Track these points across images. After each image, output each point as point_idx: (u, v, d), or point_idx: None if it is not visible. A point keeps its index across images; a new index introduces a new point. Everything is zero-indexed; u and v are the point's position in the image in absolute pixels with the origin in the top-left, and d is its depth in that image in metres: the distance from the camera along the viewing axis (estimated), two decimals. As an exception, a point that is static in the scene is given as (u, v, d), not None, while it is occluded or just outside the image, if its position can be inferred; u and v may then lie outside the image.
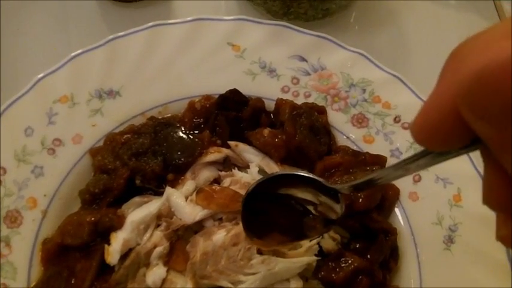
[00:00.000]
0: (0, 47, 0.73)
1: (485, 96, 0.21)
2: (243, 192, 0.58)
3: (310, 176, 0.48)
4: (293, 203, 0.51)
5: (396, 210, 0.64)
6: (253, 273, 0.54)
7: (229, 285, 0.53)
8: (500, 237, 0.28)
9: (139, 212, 0.57)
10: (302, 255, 0.56)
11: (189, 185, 0.59)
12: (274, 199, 0.50)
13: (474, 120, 0.23)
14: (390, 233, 0.61)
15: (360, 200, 0.59)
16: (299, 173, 0.50)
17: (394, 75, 0.68)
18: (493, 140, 0.23)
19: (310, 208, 0.50)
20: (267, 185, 0.50)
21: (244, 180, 0.59)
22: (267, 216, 0.51)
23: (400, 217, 0.64)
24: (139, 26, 0.67)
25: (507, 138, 0.22)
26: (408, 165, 0.34)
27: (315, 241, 0.57)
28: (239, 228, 0.55)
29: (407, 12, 0.86)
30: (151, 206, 0.57)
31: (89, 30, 0.76)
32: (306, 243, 0.57)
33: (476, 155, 0.64)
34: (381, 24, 0.85)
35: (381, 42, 0.83)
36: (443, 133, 0.25)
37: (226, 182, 0.59)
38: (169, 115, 0.65)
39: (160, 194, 0.59)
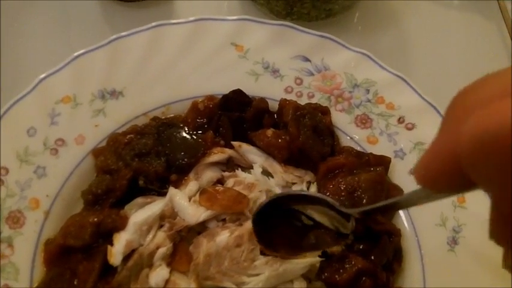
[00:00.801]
0: (1, 47, 0.73)
1: (486, 159, 0.22)
2: (246, 193, 0.58)
3: (323, 197, 0.52)
4: (303, 217, 0.54)
5: (400, 211, 0.64)
6: (257, 275, 0.53)
7: (233, 286, 0.53)
8: (507, 267, 0.31)
9: (142, 212, 0.56)
10: (305, 256, 0.55)
11: (192, 185, 0.59)
12: (285, 213, 0.54)
13: (476, 177, 0.24)
14: (394, 234, 0.61)
15: (364, 202, 0.59)
16: (311, 194, 0.53)
17: (398, 76, 0.68)
18: (493, 194, 0.25)
19: (325, 221, 0.53)
20: (278, 201, 0.53)
21: (247, 181, 0.59)
22: (279, 229, 0.54)
23: (403, 218, 0.63)
24: (141, 26, 0.67)
25: (507, 194, 0.23)
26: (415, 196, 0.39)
27: (318, 242, 0.57)
28: (242, 229, 0.55)
29: (410, 13, 0.86)
30: (154, 207, 0.56)
31: (91, 30, 0.76)
32: (309, 245, 0.57)
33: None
34: (384, 25, 0.85)
35: (384, 43, 0.82)
36: (444, 180, 0.27)
37: (229, 183, 0.59)
38: (172, 115, 0.65)
39: (164, 194, 0.59)
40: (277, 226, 0.54)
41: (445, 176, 0.26)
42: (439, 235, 0.62)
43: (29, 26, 0.76)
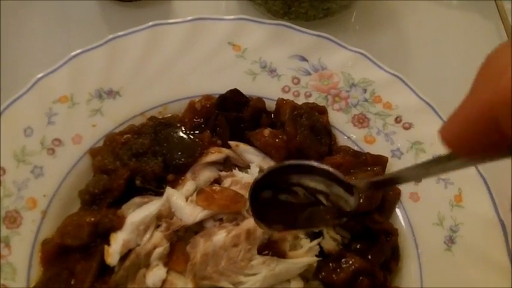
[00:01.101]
0: (0, 47, 0.73)
1: None
2: (243, 192, 0.58)
3: (327, 168, 0.47)
4: (303, 191, 0.50)
5: (397, 210, 0.64)
6: (254, 274, 0.53)
7: (230, 286, 0.53)
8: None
9: (139, 212, 0.56)
10: (303, 255, 0.56)
11: (189, 185, 0.58)
12: (284, 187, 0.49)
13: None
14: (391, 233, 0.61)
15: (361, 201, 0.59)
16: (314, 164, 0.48)
17: (395, 75, 0.68)
18: None
19: (321, 198, 0.49)
20: (277, 173, 0.49)
21: (245, 180, 0.59)
22: (276, 204, 0.50)
23: (401, 218, 0.64)
24: (139, 25, 0.67)
25: None
26: (432, 168, 0.35)
27: (315, 242, 0.57)
28: (239, 229, 0.55)
29: (408, 12, 0.86)
30: (152, 207, 0.56)
31: (89, 30, 0.76)
32: (306, 244, 0.57)
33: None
34: (381, 24, 0.85)
35: (382, 42, 0.82)
36: (477, 139, 0.25)
37: (226, 183, 0.59)
38: (169, 115, 0.65)
39: (161, 194, 0.59)
40: (275, 201, 0.50)
41: (478, 134, 0.24)
42: (436, 234, 0.62)
43: (27, 26, 0.76)
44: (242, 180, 0.59)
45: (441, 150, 0.63)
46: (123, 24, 0.68)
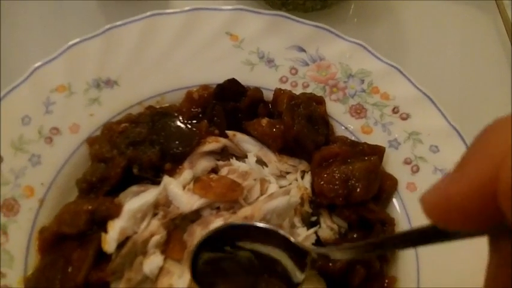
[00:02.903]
0: (2, 34, 0.73)
1: None
2: (240, 181, 0.58)
3: (276, 230, 0.45)
4: (250, 257, 0.47)
5: (394, 200, 0.64)
6: (250, 262, 0.53)
7: (226, 274, 0.53)
8: None
9: (136, 200, 0.56)
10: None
11: (186, 174, 0.59)
12: (230, 250, 0.47)
13: None
14: (388, 223, 0.61)
15: (358, 190, 0.59)
16: (261, 226, 0.46)
17: (393, 66, 0.68)
18: None
19: (271, 265, 0.46)
20: (224, 235, 0.47)
21: (241, 169, 0.59)
22: (219, 269, 0.48)
23: (397, 207, 0.64)
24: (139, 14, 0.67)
25: None
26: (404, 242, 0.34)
27: (312, 230, 0.57)
28: (236, 217, 0.55)
29: (406, 4, 0.86)
30: (149, 195, 0.57)
31: (86, 21, 0.76)
32: (303, 232, 0.57)
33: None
34: (380, 17, 0.85)
35: (380, 34, 0.82)
36: (467, 214, 0.23)
37: (223, 171, 0.59)
38: (167, 105, 0.65)
39: (158, 183, 0.59)
40: (218, 266, 0.47)
41: (469, 208, 0.22)
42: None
43: (24, 16, 0.76)
44: (239, 169, 0.59)
45: (438, 141, 0.65)
46: (121, 15, 0.67)
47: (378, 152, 0.63)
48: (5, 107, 0.60)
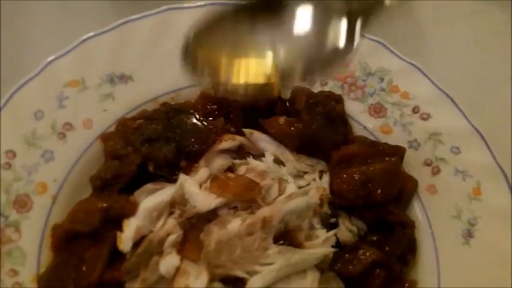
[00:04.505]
0: (10, 30, 0.71)
1: None
2: (258, 180, 0.56)
3: None
4: None
5: (414, 202, 0.63)
6: (269, 264, 0.52)
7: (244, 275, 0.52)
8: None
9: (152, 198, 0.55)
10: (319, 246, 0.54)
11: (202, 172, 0.57)
12: None
13: None
14: (408, 225, 0.60)
15: (378, 192, 0.58)
16: None
17: (413, 65, 0.66)
18: None
19: None
20: None
21: (260, 168, 0.57)
22: None
23: (417, 210, 0.62)
24: (151, 9, 0.65)
25: None
26: None
27: (332, 232, 0.56)
28: (255, 217, 0.53)
29: (423, 2, 0.84)
30: (165, 193, 0.55)
31: (99, 17, 0.74)
32: (322, 234, 0.56)
33: (496, 148, 0.63)
34: (396, 14, 0.83)
35: (396, 32, 0.80)
36: None
37: (241, 170, 0.58)
38: (182, 101, 0.64)
39: (173, 181, 0.58)
40: None
41: None
42: (453, 227, 0.61)
43: (37, 9, 0.75)
44: (257, 168, 0.57)
45: (459, 142, 0.63)
46: (134, 8, 0.66)
47: (398, 152, 0.62)
48: (17, 101, 0.59)
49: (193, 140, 0.59)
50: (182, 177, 0.56)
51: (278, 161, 0.61)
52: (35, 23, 0.74)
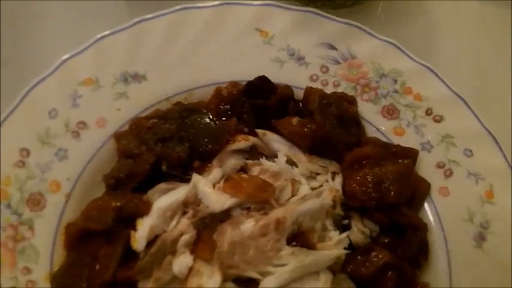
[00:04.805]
0: (24, 28, 0.71)
1: None
2: (272, 181, 0.56)
3: None
4: None
5: (426, 205, 0.62)
6: (282, 265, 0.52)
7: (257, 276, 0.52)
8: None
9: (166, 198, 0.55)
10: (332, 248, 0.54)
11: (216, 172, 0.57)
12: None
13: None
14: (420, 228, 0.59)
15: (391, 194, 0.57)
16: None
17: (426, 66, 0.66)
18: None
19: None
20: None
21: (273, 169, 0.57)
22: None
23: (429, 212, 0.62)
24: (165, 9, 0.65)
25: None
26: None
27: (345, 234, 0.56)
28: (268, 218, 0.53)
29: (436, 3, 0.83)
30: (179, 193, 0.55)
31: (114, 12, 0.74)
32: (335, 236, 0.56)
33: (508, 151, 0.63)
34: (408, 15, 0.83)
35: (408, 34, 0.80)
36: None
37: (255, 171, 0.58)
38: (195, 101, 0.64)
39: (186, 181, 0.58)
40: None
41: None
42: (466, 230, 0.61)
43: (51, 7, 0.74)
44: (270, 169, 0.57)
45: (472, 144, 0.63)
46: (148, 7, 0.66)
47: (411, 154, 0.62)
48: (32, 99, 0.59)
49: (206, 140, 0.59)
50: (195, 177, 0.56)
51: (290, 162, 0.61)
52: (49, 22, 0.74)
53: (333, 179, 0.60)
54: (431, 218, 0.62)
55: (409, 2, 0.83)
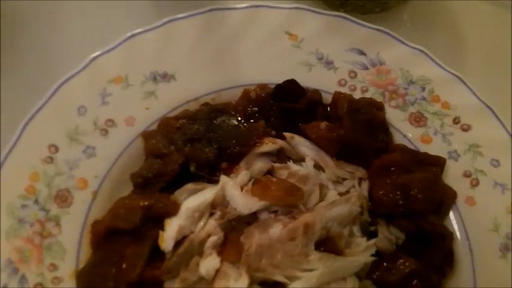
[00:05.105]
0: (55, 25, 0.72)
1: None
2: (301, 185, 0.56)
3: None
4: None
5: (451, 213, 0.62)
6: (310, 270, 0.52)
7: (285, 280, 0.52)
8: None
9: (194, 199, 0.55)
10: (360, 254, 0.54)
11: (244, 175, 0.57)
12: None
13: None
14: (446, 237, 0.59)
15: (419, 201, 0.57)
16: None
17: (455, 75, 0.66)
18: None
19: None
20: None
21: (301, 173, 0.57)
22: None
23: (454, 221, 0.62)
24: (195, 9, 0.65)
25: None
26: None
27: (373, 241, 0.56)
28: (297, 222, 0.53)
29: (463, 12, 0.83)
30: (207, 194, 0.55)
31: (145, 10, 0.74)
32: (363, 242, 0.55)
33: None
34: (433, 23, 0.82)
35: (433, 41, 0.79)
36: None
37: (283, 175, 0.58)
38: (222, 102, 0.64)
39: (213, 181, 0.58)
40: None
41: None
42: (491, 240, 0.60)
43: (82, 3, 0.74)
44: (299, 173, 0.57)
45: (499, 154, 0.63)
46: (181, 6, 0.66)
47: (439, 162, 0.62)
48: (61, 95, 0.59)
49: (234, 141, 0.59)
50: (224, 179, 0.56)
51: (317, 167, 0.61)
52: (77, 21, 0.74)
53: (359, 184, 0.60)
54: (456, 227, 0.61)
55: (435, 10, 0.83)
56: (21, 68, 0.69)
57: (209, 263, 0.52)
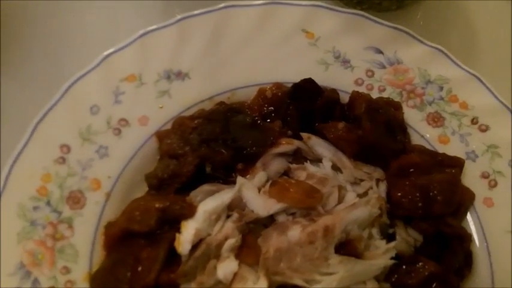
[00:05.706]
0: (68, 22, 0.70)
1: None
2: (319, 187, 0.55)
3: None
4: None
5: (468, 215, 0.61)
6: (330, 273, 0.51)
7: (304, 284, 0.51)
8: None
9: (211, 201, 0.54)
10: (379, 257, 0.53)
11: (261, 176, 0.56)
12: None
13: None
14: (465, 239, 0.58)
15: (438, 203, 0.56)
16: None
17: (473, 74, 0.65)
18: None
19: None
20: None
21: (320, 175, 0.56)
22: None
23: (471, 223, 0.61)
24: (207, 6, 0.64)
25: None
26: None
27: (393, 243, 0.55)
28: (316, 225, 0.52)
29: (477, 10, 0.82)
30: (224, 196, 0.54)
31: (159, 8, 0.72)
32: (382, 245, 0.55)
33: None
34: (447, 21, 0.81)
35: (447, 40, 0.78)
36: None
37: (302, 176, 0.56)
38: (237, 101, 0.62)
39: (229, 183, 0.56)
40: None
41: None
42: (509, 242, 0.59)
43: (92, 2, 0.73)
44: (317, 174, 0.56)
45: (517, 155, 0.62)
46: (193, 3, 0.64)
47: (457, 164, 0.61)
48: (73, 94, 0.57)
49: (250, 142, 0.58)
50: (241, 180, 0.55)
51: (335, 167, 0.60)
52: (87, 19, 0.72)
53: (377, 185, 0.59)
54: (473, 228, 0.61)
55: (449, 8, 0.82)
56: (33, 67, 0.68)
57: (227, 267, 0.51)
